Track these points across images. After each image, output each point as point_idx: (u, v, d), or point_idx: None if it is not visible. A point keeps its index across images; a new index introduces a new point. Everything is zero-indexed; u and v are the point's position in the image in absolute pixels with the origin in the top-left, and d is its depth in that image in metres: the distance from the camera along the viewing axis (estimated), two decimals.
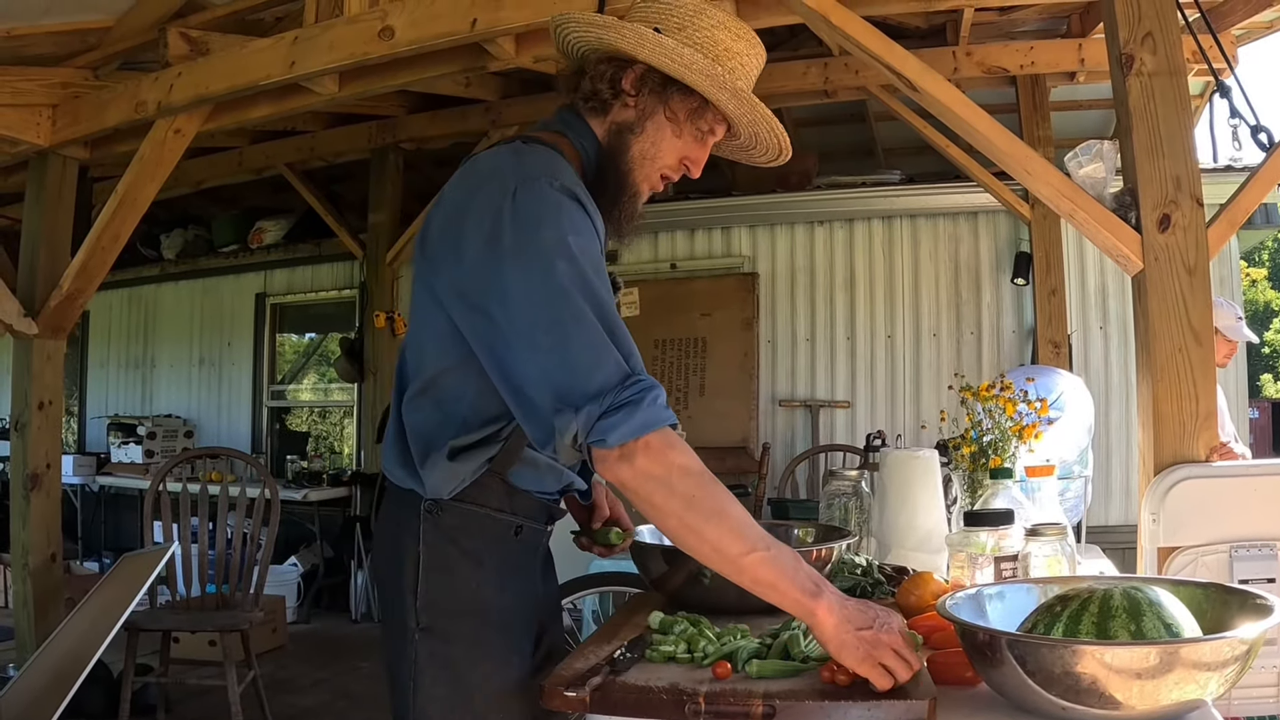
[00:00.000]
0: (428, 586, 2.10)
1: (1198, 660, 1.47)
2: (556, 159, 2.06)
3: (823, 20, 3.83)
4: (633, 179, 2.16)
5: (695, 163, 2.21)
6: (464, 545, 2.09)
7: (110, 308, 11.05)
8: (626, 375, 1.85)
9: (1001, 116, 3.92)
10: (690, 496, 1.86)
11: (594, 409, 1.82)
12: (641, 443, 1.84)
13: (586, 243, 1.94)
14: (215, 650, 5.97)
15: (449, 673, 2.06)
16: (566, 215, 1.94)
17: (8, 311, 5.74)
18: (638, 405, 1.83)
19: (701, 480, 1.87)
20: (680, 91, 2.11)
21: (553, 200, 1.95)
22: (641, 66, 2.11)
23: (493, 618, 2.09)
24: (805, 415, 7.87)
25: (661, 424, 1.86)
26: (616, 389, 1.84)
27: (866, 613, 1.82)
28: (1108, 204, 3.33)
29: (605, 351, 1.86)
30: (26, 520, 5.83)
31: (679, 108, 2.13)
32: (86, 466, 10.06)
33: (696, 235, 8.32)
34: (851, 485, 3.21)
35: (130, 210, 5.59)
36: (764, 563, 1.85)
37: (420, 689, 2.07)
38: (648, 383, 1.87)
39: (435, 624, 2.08)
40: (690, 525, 1.86)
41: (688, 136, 2.16)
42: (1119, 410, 7.22)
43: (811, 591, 1.82)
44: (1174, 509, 3.03)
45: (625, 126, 2.15)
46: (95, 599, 4.91)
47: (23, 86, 5.48)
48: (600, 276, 1.93)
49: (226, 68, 4.93)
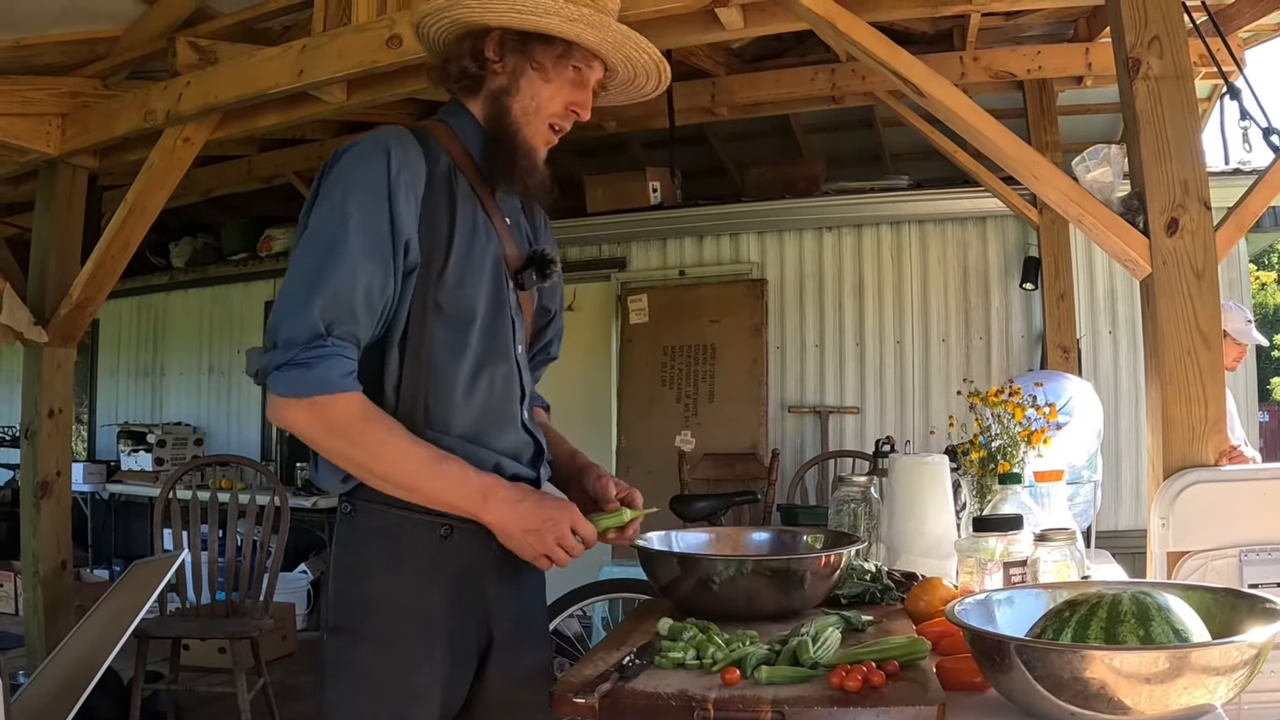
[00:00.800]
0: (337, 587, 2.16)
1: (1207, 665, 1.47)
2: (400, 132, 2.16)
3: (829, 26, 3.83)
4: (522, 137, 2.22)
5: (581, 106, 2.27)
6: (376, 548, 2.12)
7: (120, 316, 11.06)
8: (315, 335, 1.95)
9: (1009, 121, 3.92)
10: (352, 440, 2.00)
11: (276, 356, 1.96)
12: (308, 400, 1.95)
13: (364, 203, 2.03)
14: (225, 657, 6.00)
15: (351, 673, 2.09)
16: (359, 174, 2.06)
17: (18, 320, 5.75)
18: (310, 368, 1.94)
19: (363, 424, 2.00)
20: (540, 42, 2.18)
21: (355, 158, 2.09)
22: (497, 31, 2.17)
23: (403, 623, 2.09)
24: (814, 421, 7.87)
25: (329, 392, 1.96)
26: (302, 346, 1.94)
27: (537, 514, 2.04)
28: (1115, 208, 3.33)
29: (304, 308, 1.96)
30: (37, 528, 5.84)
31: (544, 57, 2.19)
32: (96, 474, 10.07)
33: (705, 242, 8.31)
34: (860, 491, 3.22)
35: (140, 219, 5.60)
36: (431, 487, 2.03)
37: (326, 687, 2.12)
38: (330, 349, 1.96)
39: (342, 624, 2.13)
40: (358, 464, 2.03)
41: (562, 82, 2.22)
42: (1128, 414, 7.20)
43: (478, 501, 2.03)
44: (1183, 513, 3.03)
45: (501, 92, 2.22)
46: (105, 606, 4.91)
47: (32, 96, 5.50)
48: (365, 236, 2.02)
49: (235, 76, 4.93)
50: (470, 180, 2.22)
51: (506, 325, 2.23)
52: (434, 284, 2.11)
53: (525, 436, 2.29)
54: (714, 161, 9.20)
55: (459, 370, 2.14)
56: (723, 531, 2.94)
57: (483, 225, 2.20)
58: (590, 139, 8.19)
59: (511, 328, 2.25)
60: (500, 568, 2.18)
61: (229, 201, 9.93)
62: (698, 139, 8.65)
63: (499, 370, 2.21)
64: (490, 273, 2.19)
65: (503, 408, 2.22)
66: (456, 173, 2.20)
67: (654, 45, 2.30)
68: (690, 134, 8.11)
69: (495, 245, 2.22)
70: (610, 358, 8.38)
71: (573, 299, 8.60)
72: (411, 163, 2.10)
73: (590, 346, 8.54)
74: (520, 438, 2.27)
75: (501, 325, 2.22)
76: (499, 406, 2.21)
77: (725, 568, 2.34)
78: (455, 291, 2.13)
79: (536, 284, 2.31)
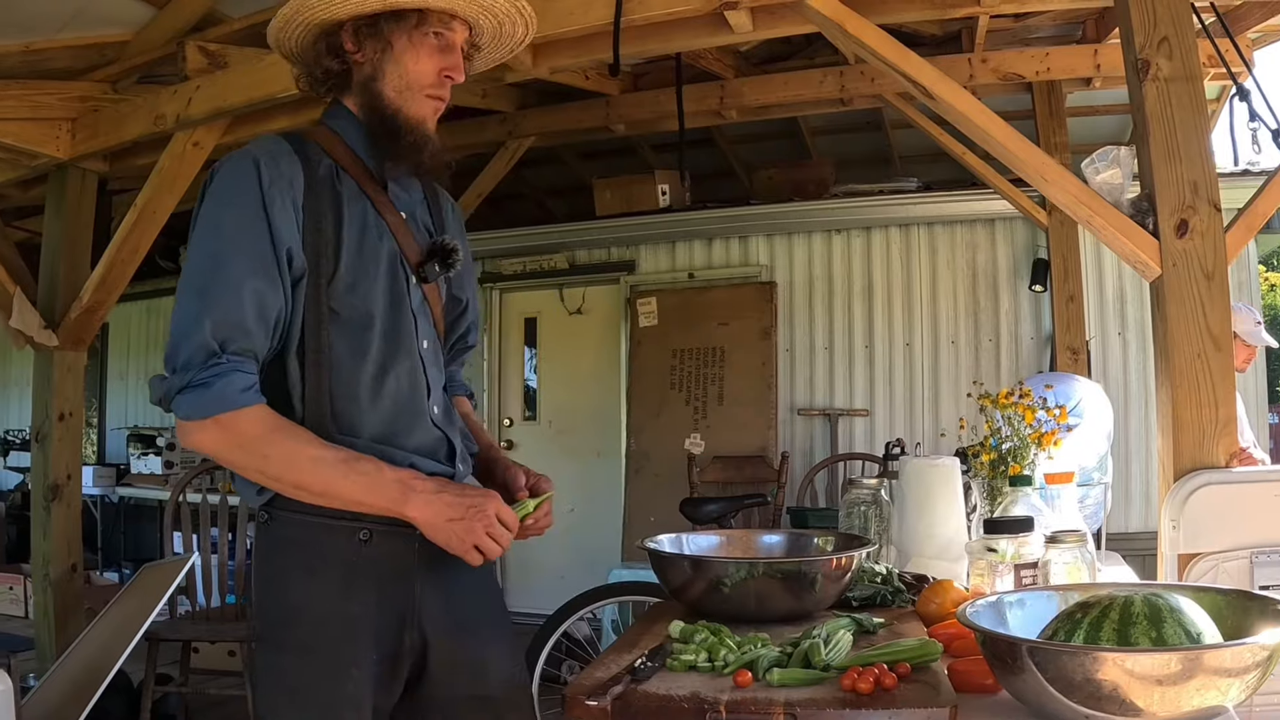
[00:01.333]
0: (260, 596, 2.18)
1: (1219, 666, 1.47)
2: (273, 141, 2.15)
3: (838, 29, 3.83)
4: (403, 116, 2.21)
5: (452, 69, 2.25)
6: (293, 555, 2.12)
7: (129, 319, 11.06)
8: (210, 355, 1.95)
9: (1017, 123, 3.93)
10: (264, 455, 2.00)
11: (175, 381, 1.97)
12: (212, 419, 1.95)
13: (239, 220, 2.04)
14: (235, 660, 5.99)
15: (280, 681, 2.11)
16: (232, 192, 2.06)
17: (29, 324, 5.77)
18: (208, 387, 1.94)
19: (270, 437, 2.00)
20: (391, 20, 2.17)
21: (227, 175, 2.09)
22: (349, 23, 2.18)
23: (326, 629, 2.09)
24: (824, 424, 7.86)
25: (231, 408, 1.96)
26: (199, 368, 1.95)
27: (460, 502, 2.02)
28: (1125, 210, 3.32)
29: (195, 329, 1.96)
30: (47, 531, 5.85)
31: (400, 32, 2.18)
32: (106, 478, 10.08)
33: (714, 245, 8.32)
34: (871, 493, 3.21)
35: (149, 223, 5.61)
36: (348, 489, 2.01)
37: (259, 695, 2.15)
38: (226, 366, 1.96)
39: (267, 633, 2.15)
40: (272, 476, 2.03)
41: (426, 51, 2.21)
42: (1138, 416, 7.19)
43: (397, 498, 2.01)
44: (1194, 515, 3.02)
45: (369, 80, 2.21)
46: (116, 609, 4.92)
47: (42, 100, 5.50)
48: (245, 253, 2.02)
49: (244, 81, 4.94)
50: (357, 179, 2.21)
51: (408, 322, 2.23)
52: (326, 289, 2.10)
53: (437, 433, 2.28)
54: (723, 164, 9.21)
55: (361, 373, 2.14)
56: (733, 534, 2.95)
57: (373, 223, 2.20)
58: (599, 142, 8.20)
59: (414, 324, 2.24)
60: (427, 567, 2.17)
61: None
62: (706, 141, 8.66)
63: (403, 369, 2.20)
64: (385, 271, 2.19)
65: (410, 406, 2.22)
66: (341, 174, 2.19)
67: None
68: (699, 136, 8.13)
69: (389, 242, 2.21)
70: (619, 360, 8.39)
71: (582, 302, 8.62)
72: (283, 172, 2.08)
73: (599, 349, 8.55)
74: (432, 434, 2.27)
75: (402, 323, 2.21)
76: (406, 406, 2.21)
77: (736, 570, 2.34)
78: (349, 295, 2.12)
79: (441, 274, 2.30)
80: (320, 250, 2.09)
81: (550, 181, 9.98)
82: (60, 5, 5.01)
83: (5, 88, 5.31)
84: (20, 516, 10.34)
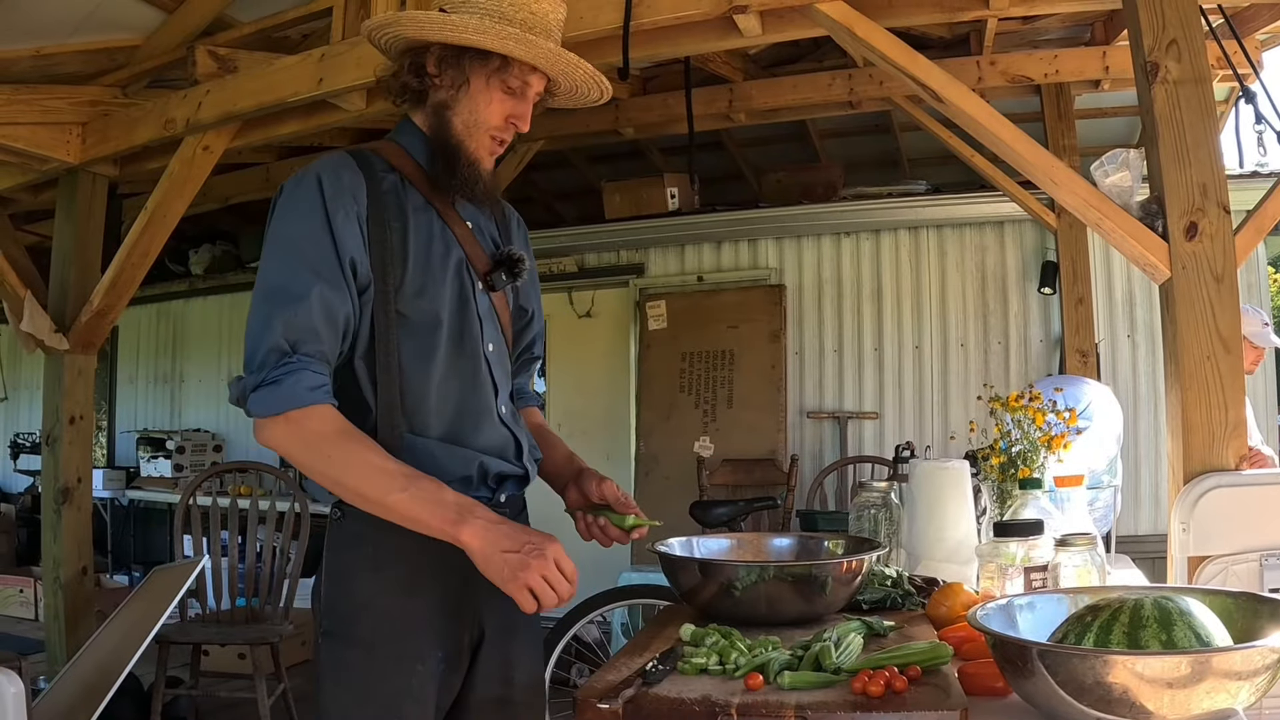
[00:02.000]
0: (328, 592, 2.22)
1: (1229, 669, 1.47)
2: (339, 158, 2.22)
3: (847, 33, 3.84)
4: (465, 149, 2.28)
5: (520, 118, 2.32)
6: (362, 551, 2.18)
7: (139, 323, 11.09)
8: (283, 355, 2.03)
9: (1026, 125, 3.92)
10: (327, 455, 2.03)
11: (250, 381, 2.04)
12: (283, 416, 2.01)
13: (304, 232, 2.11)
14: (245, 663, 6.00)
15: (345, 675, 2.15)
16: (297, 207, 2.14)
17: (40, 327, 5.78)
18: (279, 384, 2.01)
19: (336, 439, 2.04)
20: (476, 58, 2.24)
21: (292, 191, 2.16)
22: (436, 47, 2.24)
23: (391, 625, 2.16)
24: (834, 427, 7.86)
25: (303, 403, 2.02)
26: (271, 367, 2.02)
27: (517, 537, 1.99)
28: (1134, 212, 3.32)
29: (267, 332, 2.04)
30: (58, 534, 5.87)
31: (480, 72, 2.25)
32: (116, 480, 10.11)
33: (723, 247, 8.32)
34: (881, 497, 3.21)
35: (159, 227, 5.63)
36: (404, 503, 2.01)
37: (322, 690, 2.18)
38: (298, 364, 2.03)
39: (335, 628, 2.19)
40: (332, 478, 2.06)
41: (500, 95, 2.28)
42: (1148, 419, 7.18)
43: (454, 520, 1.99)
44: (1204, 518, 3.02)
45: (442, 105, 2.29)
46: (126, 612, 4.93)
47: (52, 105, 5.52)
48: (311, 262, 2.09)
49: (254, 85, 4.96)
50: (424, 192, 2.29)
51: (473, 326, 2.30)
52: (393, 295, 2.18)
53: (504, 432, 2.35)
54: (732, 167, 9.21)
55: (429, 374, 2.21)
56: (744, 537, 2.94)
57: (440, 233, 2.28)
58: (608, 145, 8.21)
59: (479, 327, 2.31)
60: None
61: (248, 209, 9.92)
62: (715, 145, 8.66)
63: (468, 370, 2.28)
64: (452, 277, 2.27)
65: (477, 406, 2.29)
66: (407, 186, 2.27)
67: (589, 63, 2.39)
68: (708, 140, 8.13)
69: (456, 251, 2.29)
70: (629, 364, 8.40)
71: (591, 305, 8.62)
72: (345, 186, 2.16)
73: (609, 352, 8.56)
74: (500, 433, 2.34)
75: (468, 326, 2.29)
76: (473, 405, 2.28)
77: (747, 573, 2.34)
78: (416, 300, 2.20)
79: (507, 283, 2.38)
80: (386, 259, 2.17)
81: (559, 185, 9.98)
82: (71, 10, 5.04)
83: (16, 92, 5.33)
84: (31, 519, 10.38)
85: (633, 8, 4.00)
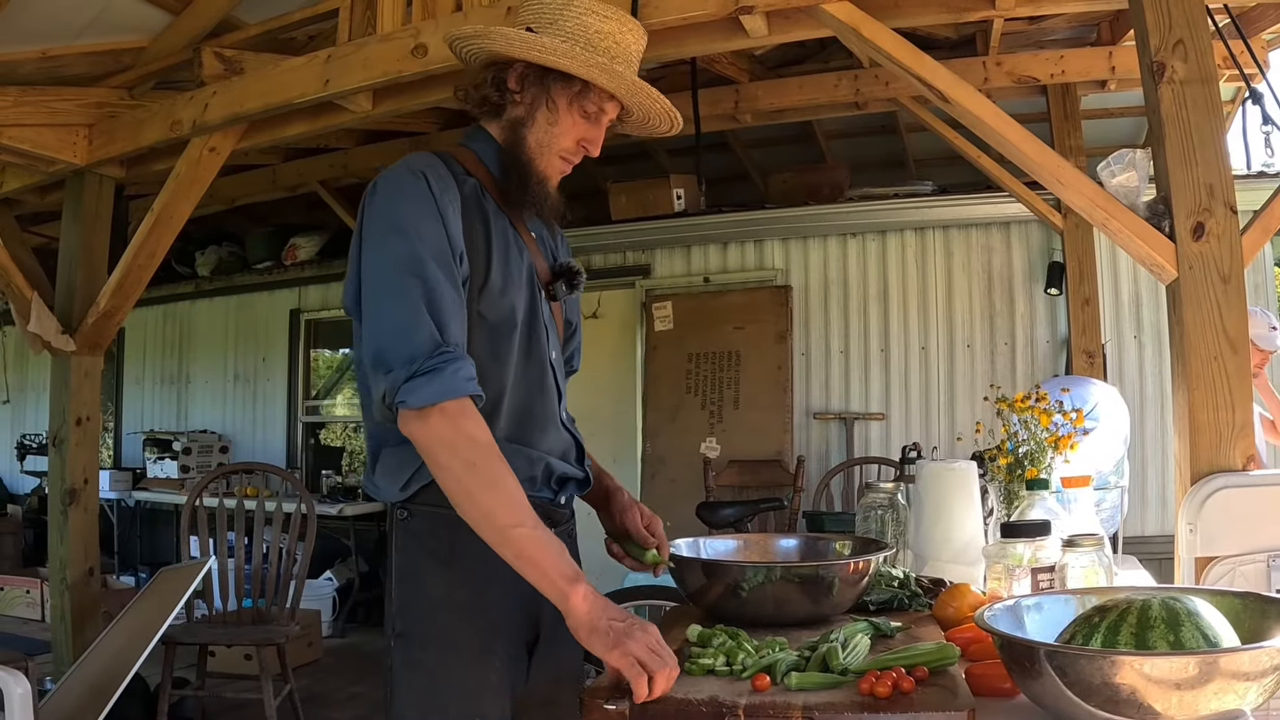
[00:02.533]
0: (400, 592, 2.21)
1: (1236, 670, 1.47)
2: (427, 156, 2.24)
3: (853, 33, 3.84)
4: (536, 167, 2.31)
5: (592, 142, 2.36)
6: (431, 548, 2.18)
7: (145, 324, 11.10)
8: (437, 345, 2.01)
9: (1033, 125, 3.92)
10: (472, 463, 1.99)
11: (401, 372, 1.99)
12: (438, 407, 1.98)
13: (422, 221, 2.11)
14: (252, 664, 6.01)
15: (422, 677, 2.14)
16: (408, 196, 2.13)
17: (46, 329, 5.79)
18: (440, 373, 1.98)
19: (487, 452, 2.01)
20: (559, 80, 2.27)
21: (396, 183, 2.15)
22: (520, 64, 2.28)
23: (467, 620, 2.16)
24: (840, 428, 7.86)
25: (461, 394, 2.00)
26: (425, 356, 1.99)
27: (623, 614, 1.93)
28: (1141, 213, 3.32)
29: (420, 321, 2.02)
30: (64, 535, 5.87)
31: (561, 95, 2.28)
32: (123, 481, 10.13)
33: (729, 248, 8.32)
34: (887, 498, 3.21)
35: (166, 228, 5.63)
36: (529, 540, 1.97)
37: (396, 694, 2.16)
38: (455, 354, 2.02)
39: (408, 630, 2.18)
40: (467, 488, 2.00)
41: (576, 118, 2.31)
42: (1154, 420, 7.17)
43: (570, 577, 1.95)
44: (1211, 519, 3.02)
45: (518, 122, 2.32)
46: (133, 613, 4.94)
47: (59, 106, 5.53)
48: (433, 250, 2.08)
49: (261, 86, 4.96)
50: (497, 200, 2.31)
51: (541, 331, 2.33)
52: (477, 295, 2.19)
53: (567, 436, 2.39)
54: (738, 168, 9.21)
55: (503, 375, 2.23)
56: (751, 538, 2.94)
57: (514, 240, 2.31)
58: (614, 146, 8.18)
59: (546, 334, 2.34)
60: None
61: (254, 210, 9.97)
62: (721, 145, 8.66)
63: (536, 374, 2.31)
64: (526, 283, 2.30)
65: (544, 409, 2.32)
66: (484, 193, 2.29)
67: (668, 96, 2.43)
68: (714, 140, 8.13)
69: (528, 259, 2.32)
70: (635, 365, 8.40)
71: (597, 306, 8.62)
72: (445, 182, 2.18)
73: (615, 354, 8.55)
74: (563, 437, 2.37)
75: (537, 332, 2.32)
76: (540, 408, 2.31)
77: (754, 574, 2.34)
78: (498, 300, 2.22)
79: (567, 294, 2.42)
80: (474, 258, 2.19)
81: (565, 186, 9.94)
82: (77, 12, 5.04)
83: (23, 94, 5.34)
84: (37, 520, 10.41)
85: (639, 9, 4.01)
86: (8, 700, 3.68)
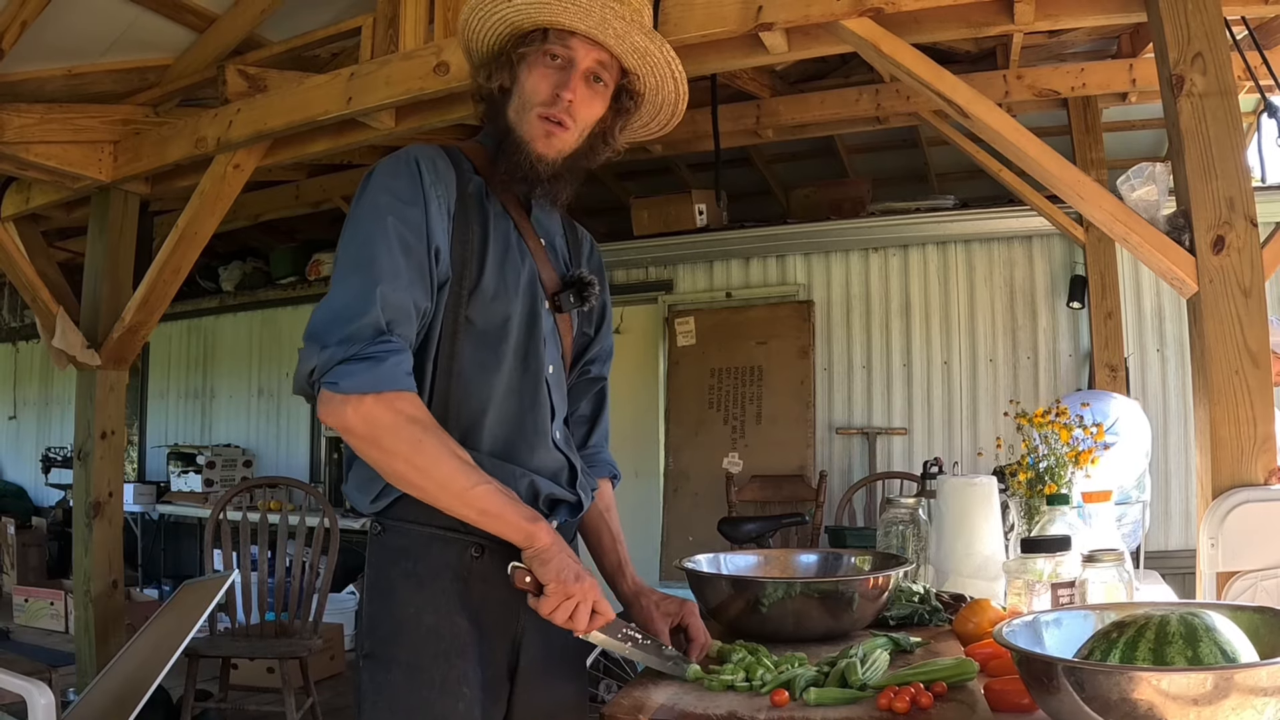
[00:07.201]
0: (369, 610, 2.14)
1: (1254, 685, 1.47)
2: (433, 147, 2.20)
3: (873, 49, 3.84)
4: (515, 135, 2.20)
5: (562, 85, 2.18)
6: (405, 567, 2.10)
7: (170, 339, 11.17)
8: (379, 332, 1.94)
9: (1053, 139, 3.92)
10: (417, 440, 1.94)
11: (337, 352, 1.92)
12: (373, 395, 1.91)
13: (402, 207, 2.05)
14: (274, 677, 6.03)
15: (386, 699, 2.05)
16: (392, 180, 2.09)
17: (72, 344, 5.84)
18: (379, 361, 1.92)
19: (427, 428, 1.96)
20: (519, 43, 2.20)
21: (391, 168, 2.11)
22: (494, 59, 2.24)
23: (434, 646, 2.06)
24: (862, 443, 7.84)
25: (399, 387, 1.94)
26: (366, 342, 1.92)
27: (578, 560, 1.99)
28: (1161, 226, 3.32)
29: (365, 304, 1.95)
30: (89, 547, 5.91)
31: (525, 53, 2.19)
32: (147, 495, 10.17)
33: (751, 264, 8.32)
34: (909, 512, 3.21)
35: (190, 244, 5.67)
36: (487, 495, 1.96)
37: (363, 713, 2.08)
38: (396, 345, 1.95)
39: (376, 650, 2.09)
40: (417, 465, 1.96)
41: (541, 68, 2.19)
42: (1178, 433, 7.13)
43: (531, 518, 1.97)
44: (1233, 533, 3.01)
45: (501, 104, 2.24)
46: (156, 625, 4.96)
47: (85, 123, 5.58)
48: (403, 238, 2.03)
49: (285, 104, 4.99)
50: (503, 201, 2.24)
51: (538, 344, 2.22)
52: (466, 299, 2.11)
53: (559, 455, 2.26)
54: (759, 183, 9.22)
55: (491, 387, 2.14)
56: (771, 553, 2.94)
57: (515, 244, 2.22)
58: (636, 162, 8.22)
59: (543, 347, 2.24)
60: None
61: (278, 226, 10.02)
62: (743, 161, 8.67)
63: (528, 388, 2.20)
64: (524, 292, 2.20)
65: (533, 426, 2.20)
66: (489, 192, 2.23)
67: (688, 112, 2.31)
68: (735, 156, 8.14)
69: (530, 266, 2.23)
70: (658, 380, 8.40)
71: (620, 321, 8.61)
72: (442, 176, 2.12)
73: (637, 369, 8.55)
74: (553, 457, 2.25)
75: (533, 344, 2.21)
76: (529, 425, 2.20)
77: (774, 590, 2.34)
78: (489, 306, 2.14)
79: (574, 306, 2.31)
80: (465, 260, 2.12)
81: (587, 201, 9.99)
82: (103, 30, 5.09)
83: (49, 111, 5.38)
84: (62, 533, 10.48)
85: (659, 26, 4.01)
86: (32, 711, 3.70)
